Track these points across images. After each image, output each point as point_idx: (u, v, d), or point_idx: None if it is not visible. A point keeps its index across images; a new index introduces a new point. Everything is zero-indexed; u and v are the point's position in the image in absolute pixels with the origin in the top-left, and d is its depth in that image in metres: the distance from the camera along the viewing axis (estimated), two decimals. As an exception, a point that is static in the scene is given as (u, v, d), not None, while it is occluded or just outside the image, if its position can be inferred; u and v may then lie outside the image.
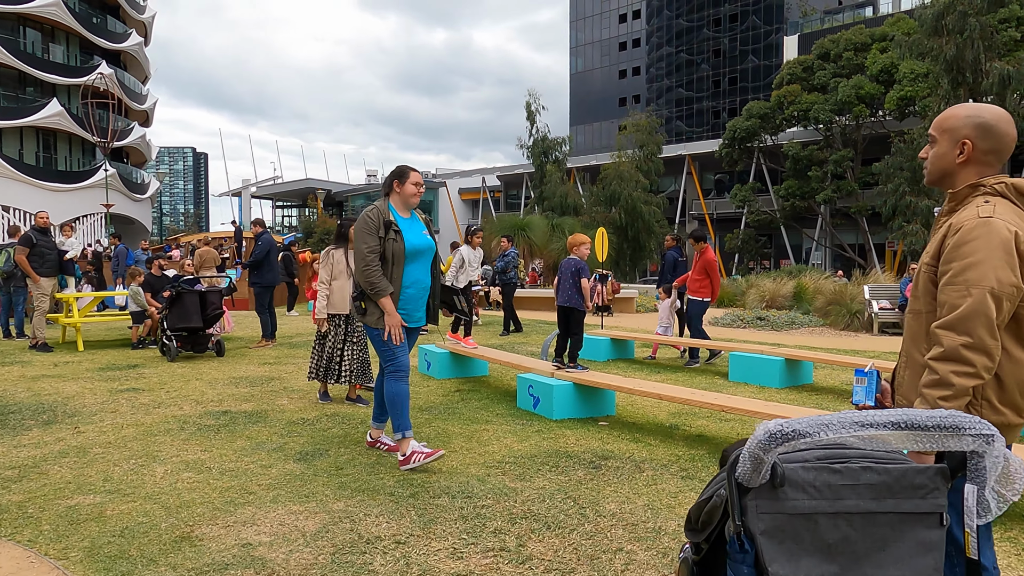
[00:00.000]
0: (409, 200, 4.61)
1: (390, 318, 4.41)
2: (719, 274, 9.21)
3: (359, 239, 4.45)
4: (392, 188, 4.63)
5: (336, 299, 6.23)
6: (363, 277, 4.39)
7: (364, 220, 4.48)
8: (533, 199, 33.69)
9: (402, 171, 4.64)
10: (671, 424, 5.73)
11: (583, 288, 6.85)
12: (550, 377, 6.10)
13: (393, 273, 4.47)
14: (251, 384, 7.59)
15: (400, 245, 4.47)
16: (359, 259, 4.42)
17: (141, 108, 49.92)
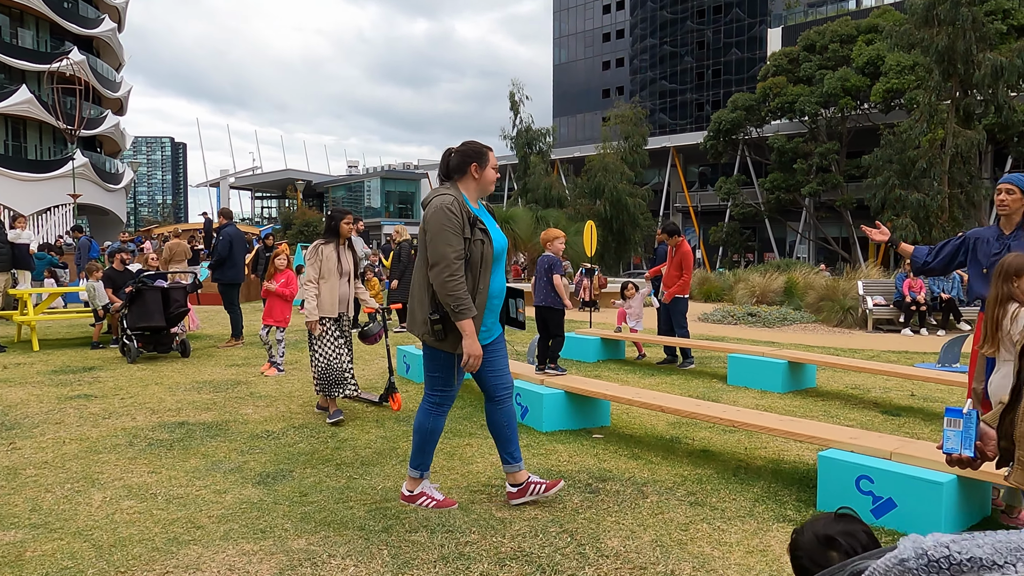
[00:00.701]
0: (488, 188, 3.68)
1: (472, 345, 3.47)
2: (691, 268, 8.72)
3: (441, 240, 3.40)
4: (467, 172, 3.61)
5: (325, 301, 5.51)
6: (447, 291, 3.39)
7: (446, 215, 3.41)
8: (516, 191, 33.14)
9: (480, 151, 3.61)
10: (672, 437, 5.25)
11: (556, 286, 6.39)
12: (539, 384, 5.59)
13: (480, 283, 3.53)
14: (215, 389, 7.02)
15: (489, 247, 3.53)
16: (443, 268, 3.39)
17: (115, 96, 48.70)
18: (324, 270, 5.50)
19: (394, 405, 6.03)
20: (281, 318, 7.68)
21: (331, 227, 5.67)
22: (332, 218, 5.70)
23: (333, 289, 5.53)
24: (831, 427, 4.08)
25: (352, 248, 5.81)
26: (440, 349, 3.62)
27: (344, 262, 5.64)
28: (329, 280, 5.51)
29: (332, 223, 5.67)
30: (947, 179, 19.20)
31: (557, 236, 6.56)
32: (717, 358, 9.04)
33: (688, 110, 72.93)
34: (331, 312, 5.56)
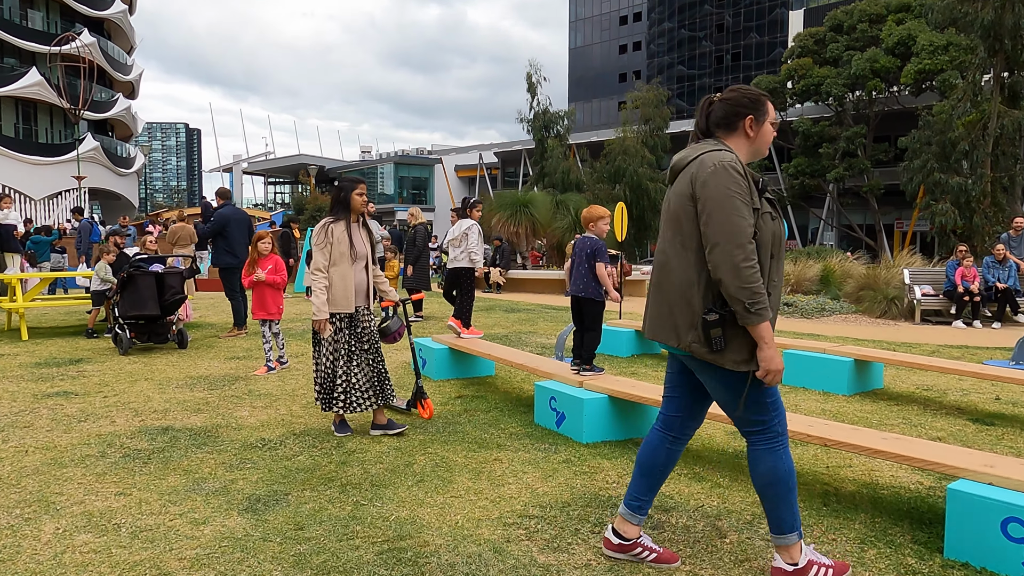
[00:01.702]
0: (762, 151, 2.76)
1: (773, 357, 2.48)
2: None
3: (729, 210, 2.46)
4: (738, 128, 2.68)
5: (338, 293, 4.51)
6: (741, 281, 2.42)
7: (731, 176, 2.49)
8: (533, 176, 32.26)
9: (758, 99, 2.68)
10: (735, 452, 4.46)
11: (600, 275, 5.56)
12: (577, 387, 4.82)
13: (774, 273, 2.60)
14: (209, 386, 6.30)
15: (780, 225, 2.62)
16: (735, 250, 2.43)
17: (126, 79, 48.18)
18: (335, 255, 4.51)
19: (424, 412, 5.18)
20: (275, 310, 6.87)
21: (340, 200, 4.61)
22: (341, 188, 4.64)
23: (346, 278, 4.53)
24: (956, 451, 3.28)
25: (367, 227, 4.84)
26: (718, 365, 2.55)
27: (358, 243, 4.62)
28: (341, 266, 4.51)
29: (341, 195, 4.61)
30: (989, 162, 18.17)
31: (601, 216, 5.70)
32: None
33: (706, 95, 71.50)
34: (345, 306, 4.55)
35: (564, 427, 4.72)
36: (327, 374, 4.63)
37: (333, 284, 4.51)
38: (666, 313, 2.65)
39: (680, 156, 2.72)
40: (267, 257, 6.85)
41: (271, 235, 6.97)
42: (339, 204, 4.64)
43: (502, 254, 17.19)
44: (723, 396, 2.65)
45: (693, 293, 2.57)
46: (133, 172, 50.51)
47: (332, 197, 4.70)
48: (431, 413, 5.19)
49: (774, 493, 2.66)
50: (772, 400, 2.63)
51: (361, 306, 4.70)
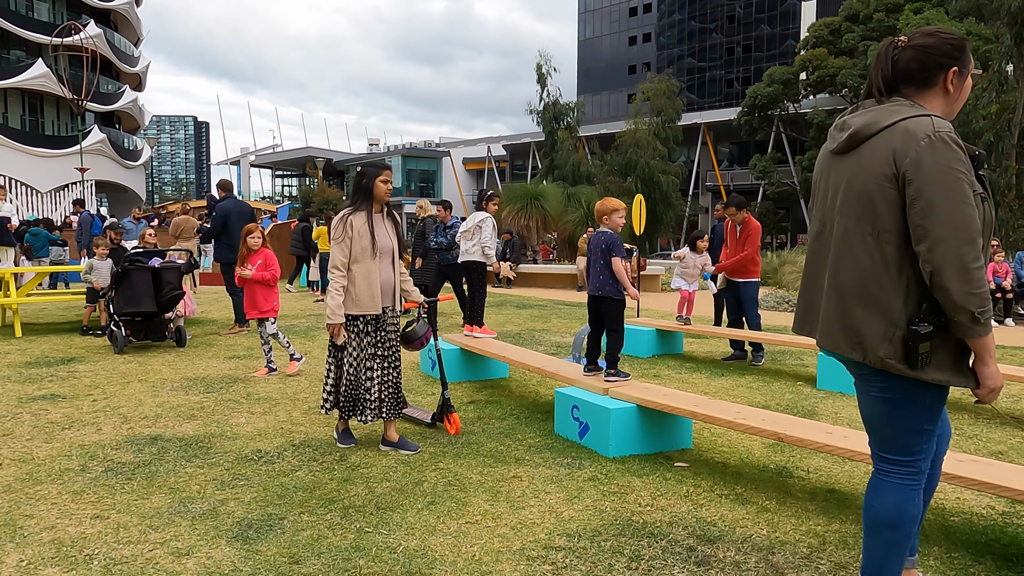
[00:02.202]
0: (953, 112, 2.21)
1: (997, 373, 2.06)
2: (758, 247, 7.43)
3: (956, 195, 1.96)
4: (936, 83, 2.14)
5: (362, 292, 4.02)
6: (971, 285, 1.95)
7: (953, 151, 1.98)
8: (543, 168, 31.82)
9: (958, 46, 2.12)
10: (778, 467, 4.05)
11: (617, 271, 5.12)
12: (603, 395, 4.41)
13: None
14: (206, 388, 5.92)
15: (991, 208, 2.10)
16: (963, 247, 1.94)
17: (133, 71, 47.89)
18: (355, 250, 4.00)
19: (451, 428, 4.65)
20: (268, 307, 6.40)
21: (362, 188, 4.10)
22: (363, 175, 4.10)
23: (370, 275, 4.01)
24: None
25: (393, 218, 4.29)
26: (922, 380, 2.08)
27: (382, 237, 4.09)
28: (363, 263, 3.99)
29: (363, 182, 4.09)
30: (1014, 154, 17.62)
31: (615, 208, 5.27)
32: (790, 353, 7.80)
33: (717, 87, 70.88)
34: (371, 307, 4.04)
35: (588, 439, 4.32)
36: (351, 381, 4.17)
37: (356, 283, 4.00)
38: (842, 318, 2.16)
39: (863, 121, 2.14)
40: (257, 252, 6.39)
41: (255, 228, 6.52)
42: (361, 192, 4.10)
43: (512, 248, 16.77)
44: (891, 412, 2.17)
45: (890, 298, 2.06)
46: (140, 165, 50.28)
47: (353, 185, 4.19)
48: (458, 428, 4.65)
49: (890, 537, 2.20)
50: (931, 430, 2.19)
51: (388, 307, 4.19)
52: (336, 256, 3.99)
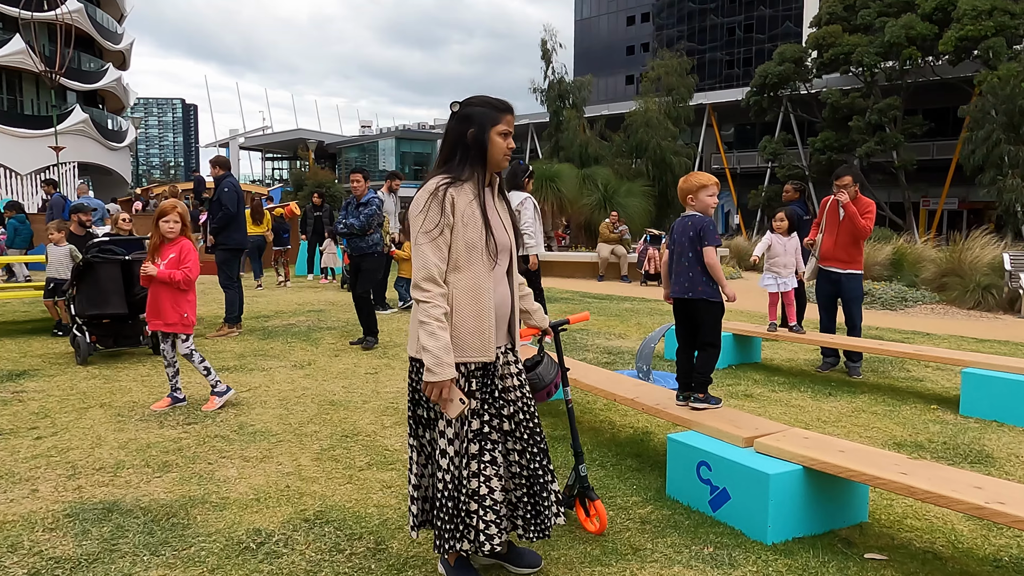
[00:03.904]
0: None
1: None
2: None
3: None
4: None
5: (467, 324, 2.35)
6: None
7: None
8: (547, 149, 30.39)
9: None
10: (999, 558, 2.79)
11: (711, 265, 3.87)
12: (745, 448, 3.12)
13: None
14: (186, 417, 4.61)
15: None
16: None
17: (116, 48, 46.01)
18: (458, 248, 2.33)
19: (591, 524, 2.96)
20: (175, 319, 4.69)
21: (468, 142, 2.38)
22: (468, 120, 2.39)
23: (479, 294, 2.35)
24: None
25: (505, 196, 2.57)
26: None
27: (498, 227, 2.44)
28: (468, 272, 2.34)
29: (471, 132, 2.37)
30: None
31: (704, 184, 3.96)
32: (888, 362, 6.55)
33: (717, 68, 69.46)
34: (479, 349, 2.36)
35: (728, 512, 3.04)
36: (451, 484, 2.36)
37: (457, 308, 2.32)
38: None
39: None
40: (172, 242, 4.76)
41: (175, 206, 4.81)
42: (464, 151, 2.39)
43: (526, 234, 15.46)
44: None
45: None
46: (125, 146, 48.50)
47: (450, 138, 2.42)
48: (603, 524, 2.93)
49: None
50: None
51: (504, 345, 2.51)
52: (428, 259, 2.28)
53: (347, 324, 8.47)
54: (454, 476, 2.36)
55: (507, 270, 2.51)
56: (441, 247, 2.31)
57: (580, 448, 3.06)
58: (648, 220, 18.74)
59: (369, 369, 6.11)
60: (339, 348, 7.00)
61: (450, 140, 2.42)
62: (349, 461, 3.84)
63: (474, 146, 2.38)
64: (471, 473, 2.35)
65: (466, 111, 2.41)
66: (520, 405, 2.48)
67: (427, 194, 2.33)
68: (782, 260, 5.94)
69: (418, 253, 2.30)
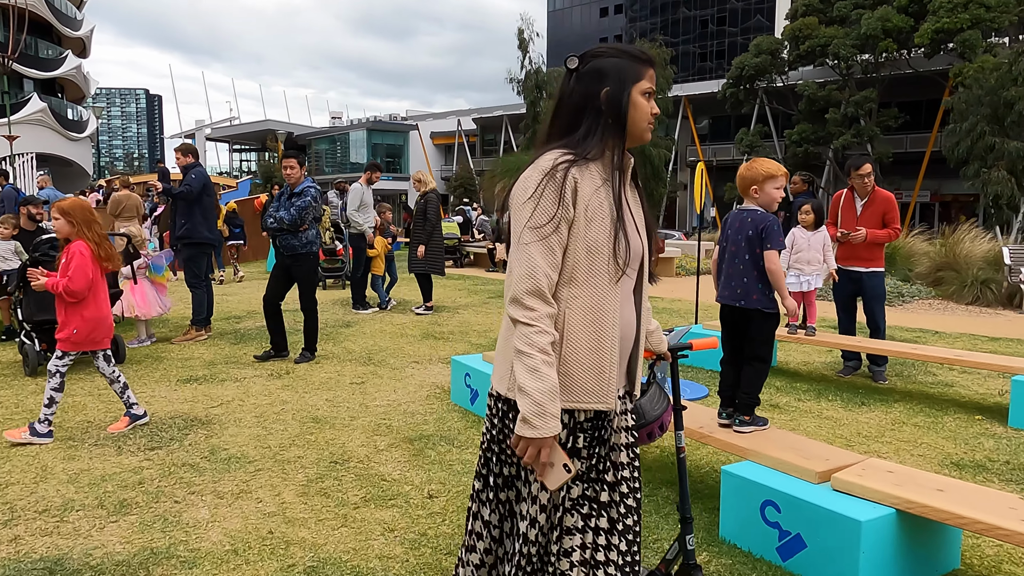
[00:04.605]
0: None
1: None
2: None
3: None
4: None
5: (584, 360, 1.68)
6: None
7: None
8: (524, 141, 29.85)
9: None
10: None
11: (772, 271, 3.42)
12: (819, 484, 2.64)
13: None
14: (149, 440, 4.01)
15: None
16: None
17: (75, 35, 44.43)
18: (575, 255, 1.66)
19: None
20: (64, 334, 4.00)
21: (601, 106, 1.69)
22: (599, 75, 1.71)
23: (602, 317, 1.69)
24: None
25: (638, 184, 1.89)
26: None
27: (631, 229, 1.74)
28: (588, 288, 1.67)
29: (605, 91, 1.69)
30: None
31: (772, 174, 3.51)
32: (911, 365, 6.15)
33: (690, 61, 69.47)
34: (597, 395, 1.69)
35: (803, 563, 2.55)
36: (536, 562, 1.77)
37: (570, 335, 1.67)
38: None
39: None
40: (64, 248, 4.07)
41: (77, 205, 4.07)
42: (594, 118, 1.71)
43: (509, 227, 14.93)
44: None
45: None
46: (86, 136, 46.92)
47: (571, 102, 1.74)
48: None
49: None
50: None
51: (623, 389, 1.84)
52: (536, 265, 1.62)
53: (326, 325, 7.87)
54: (540, 554, 1.76)
55: (635, 286, 1.81)
56: (555, 250, 1.62)
57: (690, 512, 2.25)
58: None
59: (354, 378, 5.55)
60: (319, 354, 6.41)
61: (571, 104, 1.73)
62: (341, 496, 3.29)
63: (609, 111, 1.69)
64: (562, 551, 1.74)
65: (595, 64, 1.72)
66: (627, 474, 1.82)
67: (540, 174, 1.64)
68: (806, 256, 5.49)
69: (522, 256, 1.62)
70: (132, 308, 6.68)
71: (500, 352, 1.79)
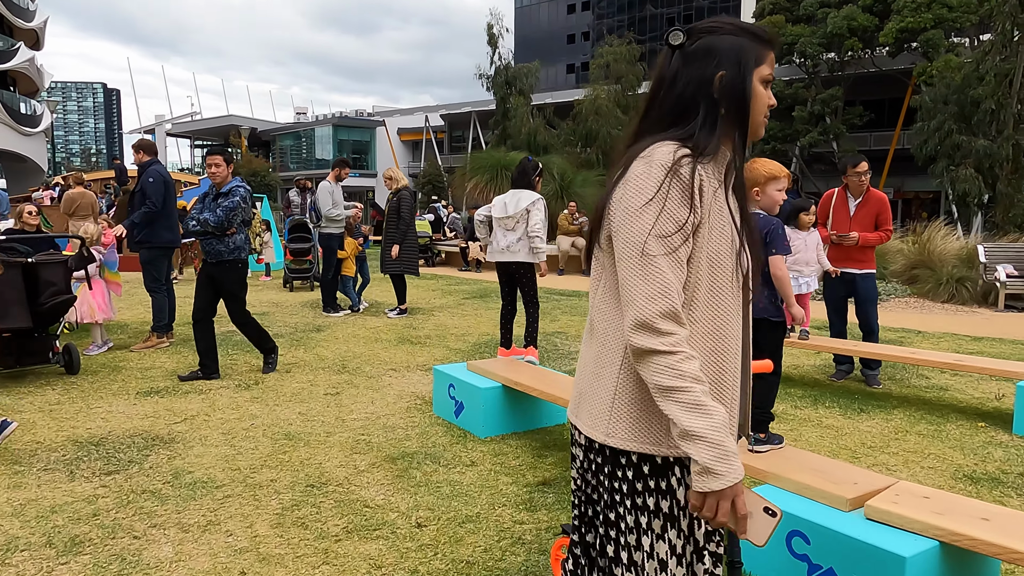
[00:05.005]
0: None
1: None
2: None
3: None
4: None
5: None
6: None
7: None
8: (494, 138, 29.54)
9: None
10: None
11: (778, 277, 3.24)
12: (856, 514, 2.42)
13: None
14: (105, 463, 3.66)
15: None
16: None
17: (28, 26, 42.97)
18: (700, 265, 1.37)
19: None
20: None
21: (726, 93, 1.40)
22: (711, 54, 1.41)
23: (728, 345, 1.42)
24: None
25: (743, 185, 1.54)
26: None
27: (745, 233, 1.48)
28: (714, 303, 1.40)
29: (730, 80, 1.39)
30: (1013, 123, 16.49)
31: (775, 175, 3.36)
32: (902, 368, 6.03)
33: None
34: None
35: (836, 601, 2.33)
36: None
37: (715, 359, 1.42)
38: None
39: None
40: None
41: None
42: (709, 107, 1.40)
43: (482, 226, 14.63)
44: None
45: None
46: (40, 132, 45.42)
47: (678, 86, 1.42)
48: None
49: None
50: None
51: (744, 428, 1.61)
52: (668, 281, 1.32)
53: (296, 330, 7.53)
54: None
55: (744, 308, 1.53)
56: (684, 264, 1.35)
57: (740, 556, 1.70)
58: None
59: (328, 388, 5.23)
60: (290, 361, 6.08)
61: (677, 90, 1.42)
62: (320, 526, 3.00)
63: (727, 99, 1.40)
64: None
65: (708, 43, 1.42)
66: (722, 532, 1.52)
67: (661, 171, 1.33)
68: (804, 257, 5.31)
69: (648, 270, 1.31)
70: (93, 313, 6.24)
71: (589, 388, 1.47)
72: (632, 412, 1.40)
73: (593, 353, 1.47)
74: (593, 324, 1.49)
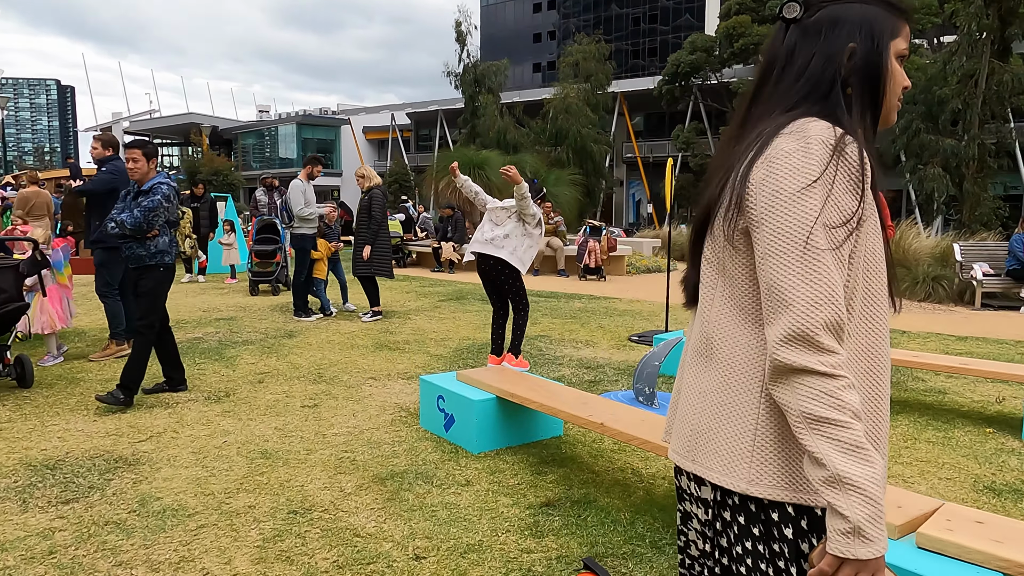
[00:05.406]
0: None
1: None
2: None
3: None
4: None
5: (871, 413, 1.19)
6: None
7: None
8: (463, 137, 29.23)
9: None
10: None
11: None
12: (907, 542, 2.21)
13: None
14: (62, 491, 3.31)
15: None
16: None
17: (-23, 20, 41.40)
18: (856, 270, 1.11)
19: None
20: None
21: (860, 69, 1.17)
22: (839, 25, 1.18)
23: (881, 366, 1.16)
24: None
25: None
26: None
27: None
28: (868, 317, 1.15)
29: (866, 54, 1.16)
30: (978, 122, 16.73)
31: None
32: (898, 371, 5.91)
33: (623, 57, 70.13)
34: None
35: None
36: None
37: (868, 383, 1.16)
38: None
39: None
40: None
41: None
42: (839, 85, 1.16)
43: (454, 225, 14.36)
44: None
45: None
46: (-10, 129, 43.85)
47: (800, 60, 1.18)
48: None
49: None
50: None
51: None
52: (833, 284, 1.06)
53: (267, 336, 7.17)
54: None
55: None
56: (845, 265, 1.09)
57: None
58: (579, 210, 18.03)
59: (306, 400, 4.92)
60: (262, 370, 5.74)
61: (801, 66, 1.19)
62: (307, 561, 2.71)
63: (859, 77, 1.17)
64: None
65: (832, 13, 1.19)
66: None
67: (823, 148, 1.08)
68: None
69: (812, 268, 1.05)
70: (53, 322, 5.81)
71: (713, 424, 1.19)
72: (781, 452, 1.12)
73: (716, 380, 1.19)
74: (712, 343, 1.21)
